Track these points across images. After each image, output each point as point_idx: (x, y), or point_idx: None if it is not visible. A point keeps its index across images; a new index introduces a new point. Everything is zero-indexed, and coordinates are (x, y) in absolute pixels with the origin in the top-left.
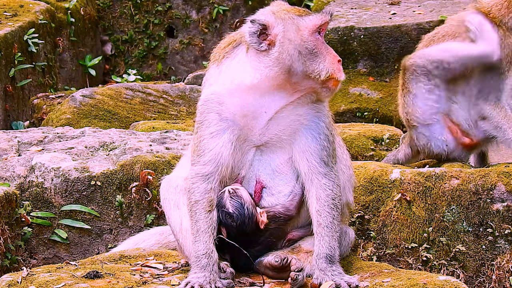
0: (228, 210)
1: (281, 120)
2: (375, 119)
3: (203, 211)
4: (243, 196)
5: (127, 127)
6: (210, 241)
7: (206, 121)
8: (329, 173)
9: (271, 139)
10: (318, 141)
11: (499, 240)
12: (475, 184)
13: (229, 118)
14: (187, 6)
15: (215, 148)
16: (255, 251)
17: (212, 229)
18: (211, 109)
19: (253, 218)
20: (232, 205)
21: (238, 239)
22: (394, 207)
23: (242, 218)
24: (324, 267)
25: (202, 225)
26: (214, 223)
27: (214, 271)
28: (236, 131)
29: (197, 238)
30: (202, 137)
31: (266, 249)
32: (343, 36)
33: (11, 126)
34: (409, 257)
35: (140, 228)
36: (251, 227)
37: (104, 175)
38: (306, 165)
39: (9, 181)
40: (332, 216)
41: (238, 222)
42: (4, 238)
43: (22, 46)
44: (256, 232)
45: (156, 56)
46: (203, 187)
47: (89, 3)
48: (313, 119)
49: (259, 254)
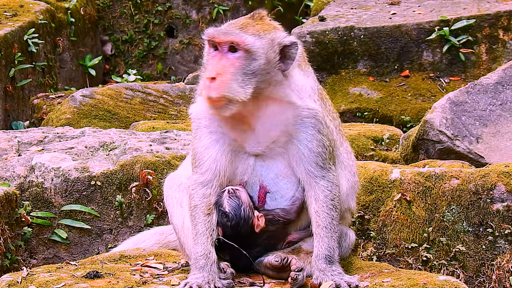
0: (225, 209)
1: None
2: (375, 119)
3: (202, 215)
4: (242, 197)
5: (127, 127)
6: (208, 243)
7: (198, 136)
8: (327, 174)
9: (265, 150)
10: (310, 149)
11: (499, 240)
12: (475, 184)
13: (219, 131)
14: (187, 6)
15: (210, 159)
16: (255, 252)
17: (210, 231)
18: (201, 125)
19: (248, 221)
20: (229, 204)
21: (235, 239)
22: (394, 207)
23: (237, 219)
24: (323, 268)
25: (200, 228)
26: (213, 226)
27: (212, 271)
28: (229, 141)
29: (196, 241)
30: (196, 149)
31: (265, 250)
32: (343, 36)
33: (11, 126)
34: (409, 257)
35: (140, 228)
36: (246, 230)
37: (104, 175)
38: (303, 171)
39: (9, 181)
40: (331, 217)
41: (232, 222)
42: (4, 238)
43: (22, 46)
44: (252, 235)
45: (156, 56)
46: (202, 193)
47: (89, 3)
48: (301, 129)
49: (259, 255)
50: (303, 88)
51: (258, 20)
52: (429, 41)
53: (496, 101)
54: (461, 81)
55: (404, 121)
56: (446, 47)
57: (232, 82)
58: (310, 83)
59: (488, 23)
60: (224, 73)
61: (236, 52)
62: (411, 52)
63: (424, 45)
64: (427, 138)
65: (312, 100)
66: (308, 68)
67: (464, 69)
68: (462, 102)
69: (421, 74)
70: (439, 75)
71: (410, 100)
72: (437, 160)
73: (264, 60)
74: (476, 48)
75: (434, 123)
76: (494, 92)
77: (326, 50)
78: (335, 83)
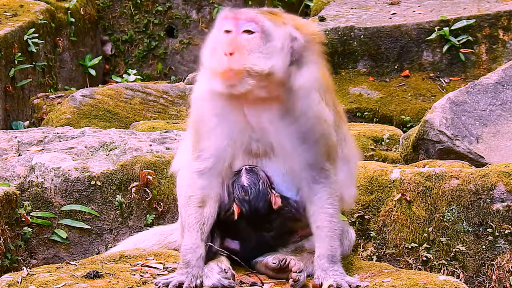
0: (243, 183)
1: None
2: (375, 119)
3: (194, 207)
4: (260, 174)
5: (127, 127)
6: (197, 236)
7: (199, 118)
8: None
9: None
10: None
11: (499, 240)
12: (475, 184)
13: (224, 114)
14: (187, 6)
15: (213, 144)
16: (268, 237)
17: (201, 225)
18: (204, 106)
19: (266, 196)
20: (248, 179)
21: (250, 217)
22: (394, 207)
23: (256, 193)
24: (326, 267)
25: (192, 220)
26: (204, 219)
27: (197, 266)
28: (231, 127)
29: (186, 234)
30: (198, 133)
31: (279, 236)
32: (343, 36)
33: (11, 126)
34: (409, 257)
35: (140, 228)
36: (264, 206)
37: (104, 175)
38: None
39: (9, 181)
40: (330, 215)
41: (251, 196)
42: (4, 238)
43: (22, 46)
44: (268, 214)
45: (156, 56)
46: (200, 183)
47: (89, 3)
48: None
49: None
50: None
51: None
52: (429, 41)
53: (496, 101)
54: (461, 81)
55: (404, 121)
56: (446, 47)
57: (251, 57)
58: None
59: (488, 23)
60: (242, 49)
61: (252, 34)
62: (411, 52)
63: (424, 45)
64: (427, 138)
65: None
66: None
67: (464, 69)
68: (462, 102)
69: (421, 74)
70: (439, 75)
71: (410, 100)
72: (437, 160)
73: (280, 44)
74: (476, 48)
75: (434, 123)
76: (494, 92)
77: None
78: (335, 83)
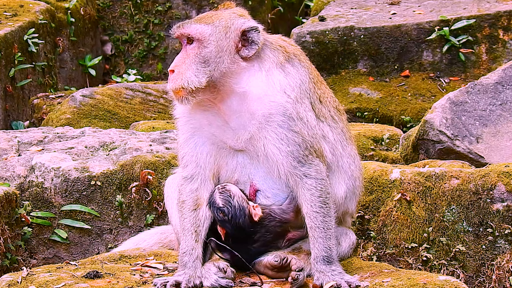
0: (218, 205)
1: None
2: (375, 119)
3: (188, 210)
4: (232, 190)
5: (127, 127)
6: (192, 239)
7: (180, 131)
8: (308, 171)
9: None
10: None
11: (499, 240)
12: (475, 184)
13: (197, 125)
14: (187, 6)
15: (190, 153)
16: (254, 249)
17: (196, 227)
18: (182, 121)
19: (244, 211)
20: (221, 199)
21: (236, 235)
22: (394, 207)
23: (233, 211)
24: (323, 269)
25: (186, 223)
26: (199, 222)
27: (194, 267)
28: (208, 135)
29: (182, 237)
30: (179, 145)
31: (265, 246)
32: (343, 36)
33: (11, 126)
34: (409, 257)
35: (140, 228)
36: (244, 221)
37: (104, 175)
38: (282, 171)
39: (9, 181)
40: (322, 215)
41: (229, 215)
42: (4, 238)
43: (22, 46)
44: (252, 227)
45: (156, 56)
46: (189, 188)
47: (89, 3)
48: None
49: (259, 252)
50: (278, 82)
51: (222, 10)
52: (429, 41)
53: (496, 101)
54: (461, 81)
55: (404, 121)
56: (446, 47)
57: (187, 71)
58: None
59: (488, 23)
60: (181, 64)
61: (192, 43)
62: (411, 52)
63: (424, 45)
64: (427, 138)
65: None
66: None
67: (464, 69)
68: (462, 102)
69: (421, 74)
70: (439, 75)
71: (410, 100)
72: (437, 160)
73: (215, 47)
74: (476, 48)
75: (434, 123)
76: (494, 92)
77: (326, 50)
78: (335, 83)
